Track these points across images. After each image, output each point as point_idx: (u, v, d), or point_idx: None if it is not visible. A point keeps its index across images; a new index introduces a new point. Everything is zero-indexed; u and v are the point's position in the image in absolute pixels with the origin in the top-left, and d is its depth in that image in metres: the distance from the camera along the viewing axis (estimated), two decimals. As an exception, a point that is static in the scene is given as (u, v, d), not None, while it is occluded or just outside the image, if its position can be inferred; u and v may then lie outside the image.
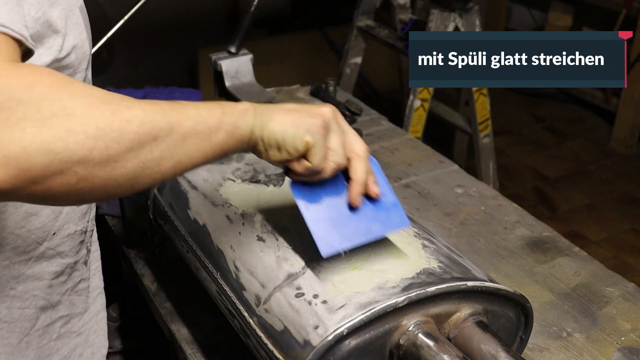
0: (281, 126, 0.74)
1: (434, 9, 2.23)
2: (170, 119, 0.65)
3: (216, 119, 0.69)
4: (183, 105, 0.67)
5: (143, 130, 0.62)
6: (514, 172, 3.14)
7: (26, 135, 0.56)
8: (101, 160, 0.59)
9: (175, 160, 0.65)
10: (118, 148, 0.60)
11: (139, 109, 0.63)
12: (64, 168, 0.58)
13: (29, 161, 0.56)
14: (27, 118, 0.56)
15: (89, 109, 0.59)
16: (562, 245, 1.29)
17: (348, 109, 1.76)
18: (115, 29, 1.53)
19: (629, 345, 1.06)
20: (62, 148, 0.57)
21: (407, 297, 0.79)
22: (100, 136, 0.59)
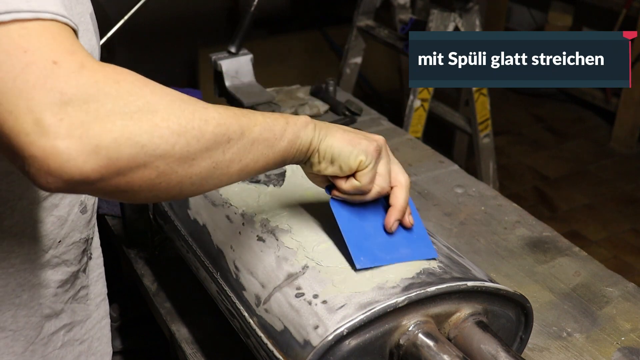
0: (339, 142, 0.79)
1: (434, 9, 2.23)
2: (241, 123, 0.68)
3: (281, 128, 0.73)
4: (252, 112, 0.71)
5: (219, 131, 0.65)
6: (514, 172, 3.14)
7: (116, 127, 0.58)
8: (181, 156, 0.62)
9: (242, 163, 0.69)
10: (197, 146, 0.63)
11: (215, 111, 0.66)
12: (147, 161, 0.60)
13: (118, 151, 0.58)
14: (116, 111, 0.58)
15: (172, 106, 0.62)
16: (562, 245, 1.29)
17: (348, 109, 1.77)
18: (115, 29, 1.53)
19: (629, 345, 1.06)
20: (148, 141, 0.59)
21: (407, 297, 0.79)
22: (182, 132, 0.62)
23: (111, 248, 1.37)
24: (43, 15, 0.59)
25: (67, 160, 0.56)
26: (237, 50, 1.71)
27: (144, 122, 0.60)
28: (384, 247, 0.85)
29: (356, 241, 0.84)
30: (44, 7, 0.60)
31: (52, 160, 0.56)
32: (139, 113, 0.60)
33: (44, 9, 0.60)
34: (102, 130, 0.58)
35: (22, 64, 0.57)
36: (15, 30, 0.58)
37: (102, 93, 0.59)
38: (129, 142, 0.59)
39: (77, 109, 0.57)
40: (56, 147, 0.56)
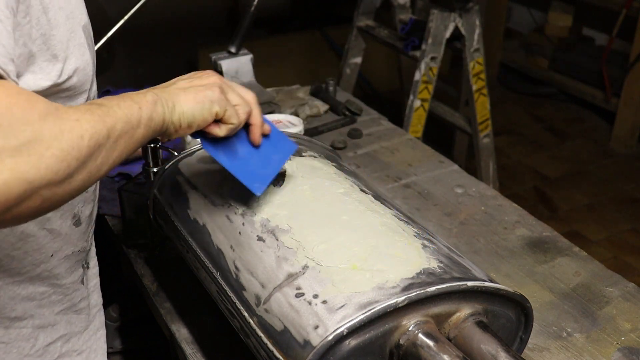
0: (188, 106, 0.80)
1: (434, 9, 2.23)
2: (107, 126, 0.67)
3: (136, 116, 0.73)
4: (109, 106, 0.70)
5: (92, 143, 0.64)
6: (514, 172, 3.14)
7: (5, 167, 0.57)
8: (63, 179, 0.61)
9: (110, 162, 0.69)
10: (76, 164, 0.63)
11: (86, 121, 0.64)
12: (33, 193, 0.59)
13: (7, 193, 0.57)
14: (6, 147, 0.57)
15: (53, 130, 0.61)
16: (562, 245, 1.29)
17: (348, 109, 1.77)
18: (115, 29, 1.53)
19: (629, 345, 1.06)
20: (35, 175, 0.58)
21: (407, 297, 0.79)
22: (65, 157, 0.61)
23: (111, 248, 1.37)
24: None
25: None
26: (237, 50, 1.71)
27: (32, 156, 0.58)
28: (262, 163, 0.93)
29: (243, 172, 0.91)
30: None
31: None
32: (28, 145, 0.58)
33: None
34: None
35: None
36: None
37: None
38: (19, 182, 0.57)
39: None
40: None
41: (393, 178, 1.51)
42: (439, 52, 2.28)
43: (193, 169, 1.10)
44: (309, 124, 1.69)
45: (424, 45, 2.27)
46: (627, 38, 3.30)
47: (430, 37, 2.25)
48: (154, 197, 1.13)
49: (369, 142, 1.65)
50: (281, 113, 1.63)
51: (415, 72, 2.31)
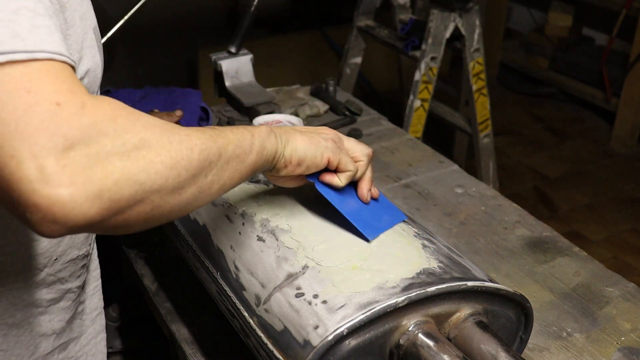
0: (302, 145, 0.84)
1: (434, 9, 2.23)
2: (218, 145, 0.70)
3: (249, 142, 0.76)
4: (222, 130, 0.73)
5: (202, 157, 0.67)
6: (514, 172, 3.14)
7: (116, 169, 0.59)
8: (173, 187, 0.63)
9: (221, 182, 0.71)
10: (186, 175, 0.64)
11: (196, 137, 0.67)
12: (144, 197, 0.61)
13: (119, 193, 0.59)
14: (115, 151, 0.59)
15: (162, 139, 0.63)
16: (562, 245, 1.29)
17: (348, 109, 1.76)
18: (115, 29, 1.53)
19: (629, 345, 1.06)
20: (146, 178, 0.60)
21: (407, 297, 0.79)
22: (174, 165, 0.63)
23: (111, 248, 1.37)
24: (38, 56, 0.59)
25: (72, 208, 0.56)
26: (237, 50, 1.71)
27: (140, 160, 0.60)
28: (373, 217, 0.93)
29: (356, 217, 0.90)
30: (40, 47, 0.59)
31: (57, 209, 0.56)
32: (135, 151, 0.60)
33: (40, 49, 0.59)
34: (103, 174, 0.58)
35: (26, 105, 0.56)
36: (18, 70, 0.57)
37: (102, 134, 0.59)
38: (129, 182, 0.59)
39: (79, 154, 0.57)
40: (60, 195, 0.56)
41: (393, 178, 1.51)
42: (439, 52, 2.28)
43: (193, 169, 1.10)
44: (309, 124, 1.69)
45: (424, 45, 2.27)
46: (627, 38, 3.30)
47: (430, 37, 2.25)
48: (154, 197, 1.13)
49: (369, 142, 1.65)
50: (281, 113, 1.64)
51: (415, 72, 2.31)
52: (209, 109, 1.65)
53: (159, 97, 1.64)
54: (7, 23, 0.58)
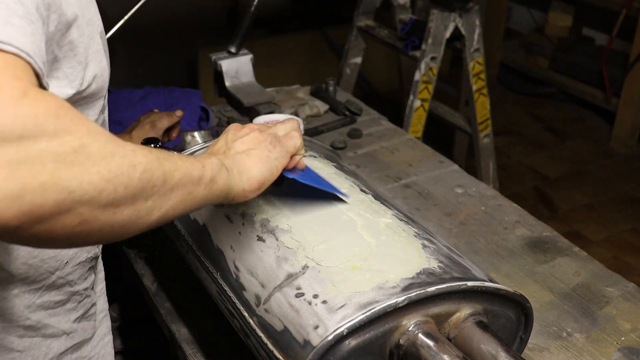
0: (256, 169, 0.81)
1: (434, 9, 2.23)
2: (164, 169, 0.64)
3: (198, 173, 0.70)
4: (171, 155, 0.68)
5: (145, 177, 0.61)
6: (514, 172, 3.14)
7: (45, 170, 0.53)
8: (107, 203, 0.58)
9: (162, 211, 0.65)
10: (123, 193, 0.59)
11: (142, 155, 0.62)
12: (72, 207, 0.55)
13: (43, 197, 0.53)
14: (49, 150, 0.53)
15: (104, 149, 0.58)
16: (562, 245, 1.29)
17: (348, 109, 1.76)
18: (115, 29, 1.53)
19: (629, 345, 1.06)
20: (77, 187, 0.55)
21: (407, 297, 0.79)
22: (111, 179, 0.57)
23: (111, 248, 1.36)
24: (5, 47, 0.55)
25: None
26: (237, 50, 1.71)
27: (75, 166, 0.55)
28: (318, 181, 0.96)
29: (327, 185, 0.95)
30: (10, 41, 0.56)
31: None
32: (73, 155, 0.55)
33: (9, 42, 0.56)
34: (29, 173, 0.52)
35: None
36: None
37: (40, 128, 0.53)
38: (57, 188, 0.53)
39: (6, 145, 0.51)
40: None
41: (393, 178, 1.51)
42: (439, 52, 2.28)
43: (193, 169, 1.09)
44: (309, 124, 1.69)
45: (424, 45, 2.27)
46: (627, 38, 3.30)
47: (430, 37, 2.25)
48: (154, 197, 1.13)
49: (369, 142, 1.65)
50: (281, 113, 1.63)
51: (415, 72, 2.31)
52: (209, 109, 1.65)
53: (159, 97, 1.64)
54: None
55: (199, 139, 1.33)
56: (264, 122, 1.48)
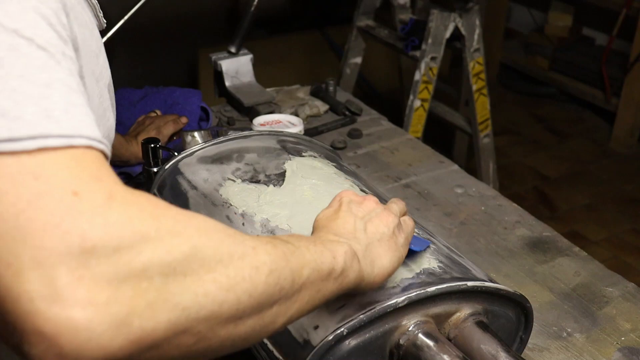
0: (387, 259, 0.71)
1: (434, 9, 2.23)
2: (292, 267, 0.56)
3: (328, 266, 0.61)
4: (296, 245, 0.59)
5: (271, 280, 0.52)
6: (514, 172, 3.14)
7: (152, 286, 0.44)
8: (229, 316, 0.49)
9: (287, 316, 0.56)
10: (248, 301, 0.50)
11: (264, 252, 0.53)
12: (188, 327, 0.46)
13: (154, 320, 0.44)
14: (155, 261, 0.44)
15: (219, 250, 0.49)
16: (562, 245, 1.29)
17: (348, 109, 1.76)
18: (115, 29, 1.53)
19: (629, 345, 1.06)
20: (191, 301, 0.46)
21: (407, 297, 0.79)
22: (232, 287, 0.49)
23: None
24: (76, 142, 0.46)
25: (87, 338, 0.41)
26: (237, 50, 1.71)
27: (187, 276, 0.46)
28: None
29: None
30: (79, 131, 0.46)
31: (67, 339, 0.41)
32: (184, 263, 0.46)
33: (79, 133, 0.46)
34: (134, 292, 0.43)
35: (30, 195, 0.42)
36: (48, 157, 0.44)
37: (138, 236, 0.44)
38: (169, 306, 0.45)
39: (102, 262, 0.42)
40: (73, 319, 0.41)
41: (393, 178, 1.51)
42: (439, 52, 2.28)
43: (193, 169, 1.10)
44: (309, 124, 1.69)
45: (424, 45, 2.27)
46: (627, 38, 3.30)
47: (430, 37, 2.25)
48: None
49: (369, 142, 1.65)
50: (281, 113, 1.64)
51: (415, 72, 2.31)
52: (209, 109, 1.65)
53: (159, 97, 1.64)
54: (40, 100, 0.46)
55: (199, 139, 1.33)
56: (264, 122, 1.48)
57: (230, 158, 1.09)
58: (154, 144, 1.23)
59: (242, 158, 1.09)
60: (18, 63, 0.46)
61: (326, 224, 0.72)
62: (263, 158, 1.08)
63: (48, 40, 0.49)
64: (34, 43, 0.48)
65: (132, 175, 1.40)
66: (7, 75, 0.45)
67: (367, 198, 0.76)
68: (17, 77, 0.46)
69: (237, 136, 1.14)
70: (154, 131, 1.42)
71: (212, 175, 1.06)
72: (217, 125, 1.65)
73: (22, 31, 0.47)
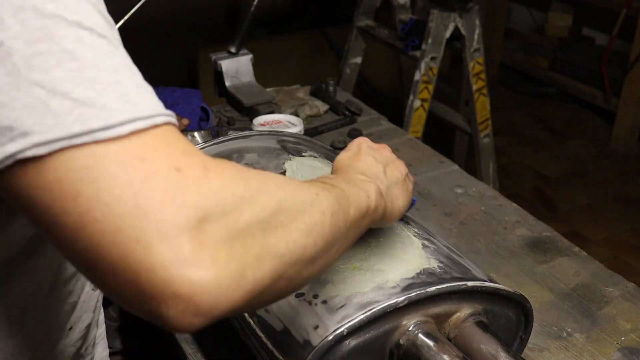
0: (401, 200, 0.80)
1: (434, 9, 2.23)
2: (343, 208, 0.62)
3: (365, 205, 0.68)
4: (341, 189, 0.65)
5: (333, 222, 0.59)
6: (514, 172, 3.14)
7: (255, 240, 0.50)
8: (310, 258, 0.55)
9: (341, 251, 0.63)
10: (321, 243, 0.56)
11: (324, 197, 0.59)
12: (283, 273, 0.52)
13: (261, 270, 0.50)
14: (254, 219, 0.50)
15: (296, 201, 0.55)
16: (562, 245, 1.29)
17: (348, 109, 1.76)
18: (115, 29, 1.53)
19: (629, 345, 1.06)
20: (285, 249, 0.52)
21: (407, 297, 0.79)
22: (310, 232, 0.55)
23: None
24: (158, 120, 0.50)
25: (218, 294, 0.47)
26: (237, 50, 1.71)
27: (278, 228, 0.52)
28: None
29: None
30: (155, 110, 0.51)
31: (202, 297, 0.46)
32: (274, 217, 0.51)
33: (157, 112, 0.51)
34: (244, 248, 0.48)
35: (142, 176, 0.47)
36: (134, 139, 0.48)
37: (237, 198, 0.50)
38: (269, 256, 0.50)
39: (215, 226, 0.47)
40: (204, 280, 0.46)
41: (393, 178, 1.51)
42: (439, 52, 2.28)
43: (193, 169, 1.09)
44: (309, 124, 1.69)
45: (424, 45, 2.27)
46: (627, 38, 3.30)
47: (430, 37, 2.25)
48: (154, 197, 1.13)
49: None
50: (281, 113, 1.64)
51: (415, 72, 2.31)
52: (209, 109, 1.65)
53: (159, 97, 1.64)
54: (115, 86, 0.50)
55: (199, 139, 1.33)
56: (264, 122, 1.48)
57: (230, 158, 1.09)
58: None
59: (242, 158, 1.09)
60: (88, 54, 0.49)
61: (351, 164, 0.79)
62: (263, 158, 1.08)
63: (103, 28, 0.52)
64: (95, 32, 0.51)
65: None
66: (82, 67, 0.49)
67: (383, 146, 0.85)
68: (91, 67, 0.49)
69: (237, 136, 1.14)
70: None
71: (212, 175, 1.06)
72: (217, 125, 1.65)
73: (83, 22, 0.50)
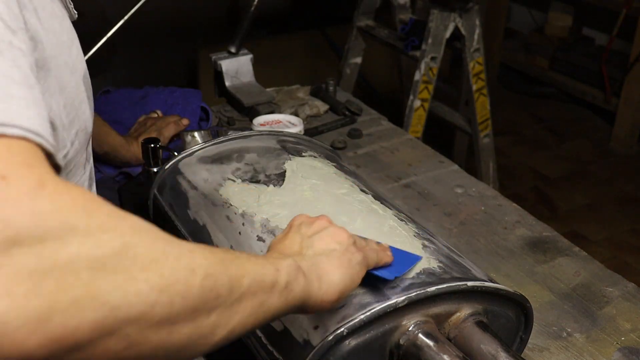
0: (337, 275, 0.68)
1: (434, 9, 2.23)
2: (230, 273, 0.53)
3: (271, 278, 0.58)
4: (237, 255, 0.57)
5: (207, 284, 0.50)
6: (514, 172, 3.14)
7: (79, 281, 0.41)
8: (161, 319, 0.46)
9: (228, 328, 0.54)
10: (181, 305, 0.47)
11: (201, 256, 0.51)
12: (116, 328, 0.43)
13: (77, 317, 0.41)
14: (83, 255, 0.42)
15: (154, 250, 0.47)
16: (562, 245, 1.29)
17: (348, 109, 1.76)
18: (115, 29, 1.53)
19: (629, 345, 1.06)
20: (121, 300, 0.43)
21: (407, 297, 0.79)
22: (165, 288, 0.46)
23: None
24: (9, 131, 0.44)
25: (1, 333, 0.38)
26: (237, 50, 1.71)
27: (119, 274, 0.43)
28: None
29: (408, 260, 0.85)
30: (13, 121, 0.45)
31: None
32: (114, 259, 0.43)
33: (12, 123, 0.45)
34: (58, 286, 0.40)
35: None
36: None
37: (67, 227, 0.42)
38: (95, 304, 0.41)
39: (25, 252, 0.40)
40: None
41: (393, 178, 1.51)
42: (439, 52, 2.28)
43: (193, 169, 1.10)
44: (309, 124, 1.69)
45: (424, 45, 2.27)
46: (627, 38, 3.30)
47: (430, 37, 2.25)
48: (154, 197, 1.13)
49: (369, 142, 1.65)
50: (281, 113, 1.63)
51: (415, 72, 2.31)
52: (209, 109, 1.65)
53: (159, 97, 1.64)
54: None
55: (199, 139, 1.33)
56: (264, 122, 1.48)
57: (230, 158, 1.09)
58: (154, 144, 1.23)
59: (242, 158, 1.09)
60: None
61: (274, 246, 0.72)
62: (263, 158, 1.08)
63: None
64: None
65: (133, 175, 1.40)
66: None
67: (320, 218, 0.74)
68: None
69: (237, 136, 1.14)
70: (155, 132, 1.43)
71: (212, 176, 1.06)
72: (217, 125, 1.65)
73: None
